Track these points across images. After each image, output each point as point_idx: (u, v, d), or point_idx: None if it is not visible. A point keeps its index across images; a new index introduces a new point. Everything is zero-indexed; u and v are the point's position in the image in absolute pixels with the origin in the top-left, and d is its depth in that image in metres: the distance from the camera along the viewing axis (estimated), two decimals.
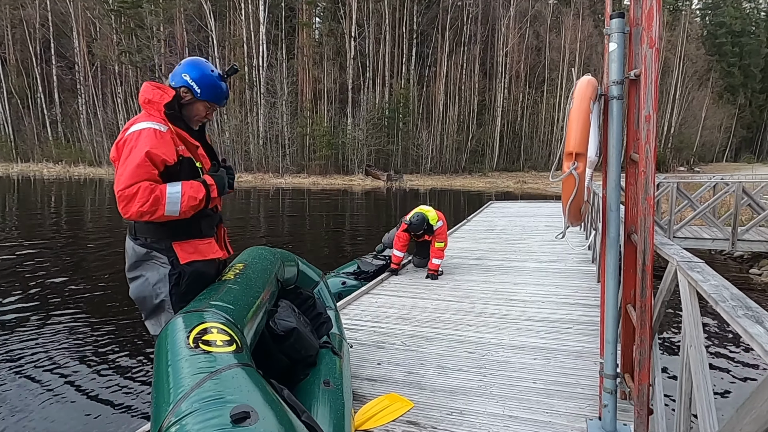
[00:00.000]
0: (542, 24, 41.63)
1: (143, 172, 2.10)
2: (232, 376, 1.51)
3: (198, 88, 2.33)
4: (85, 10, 37.57)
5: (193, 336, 1.70)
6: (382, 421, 2.69)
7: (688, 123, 46.05)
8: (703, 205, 9.11)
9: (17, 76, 38.00)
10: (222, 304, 2.02)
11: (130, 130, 2.19)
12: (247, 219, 16.20)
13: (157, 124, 2.20)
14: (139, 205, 2.06)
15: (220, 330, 1.77)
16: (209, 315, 1.88)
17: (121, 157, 2.16)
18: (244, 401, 1.39)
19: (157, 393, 1.54)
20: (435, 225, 5.95)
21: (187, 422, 1.32)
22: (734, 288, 1.61)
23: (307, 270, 3.26)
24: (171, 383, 1.51)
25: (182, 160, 2.25)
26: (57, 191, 24.16)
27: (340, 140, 35.32)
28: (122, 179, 2.09)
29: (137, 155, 2.11)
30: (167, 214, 2.12)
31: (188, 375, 1.50)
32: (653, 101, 1.98)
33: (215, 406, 1.35)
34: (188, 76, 2.31)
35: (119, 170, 2.13)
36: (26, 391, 4.40)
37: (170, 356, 1.64)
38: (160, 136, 2.18)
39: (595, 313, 4.44)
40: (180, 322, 1.82)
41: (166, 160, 2.18)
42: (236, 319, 1.95)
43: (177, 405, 1.39)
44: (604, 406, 2.48)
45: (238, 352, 1.68)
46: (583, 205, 2.22)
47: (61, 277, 8.13)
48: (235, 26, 36.70)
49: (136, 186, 2.08)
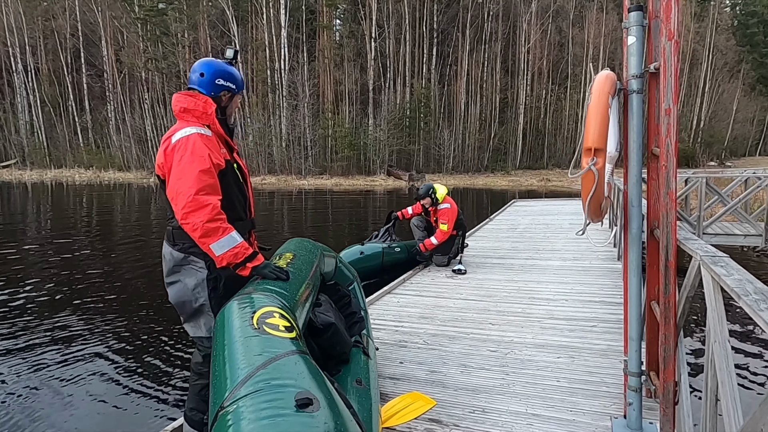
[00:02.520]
0: (565, 19, 40.96)
1: (208, 177, 2.15)
2: (294, 362, 1.52)
3: (233, 85, 2.40)
4: (113, 19, 38.61)
5: (257, 318, 1.71)
6: (405, 418, 2.71)
7: (719, 116, 44.68)
8: (734, 201, 8.86)
9: (49, 85, 39.26)
10: (279, 289, 2.04)
11: (176, 136, 2.21)
12: (271, 219, 16.40)
13: (201, 129, 2.25)
14: (204, 219, 2.08)
15: (281, 315, 1.78)
16: (270, 299, 1.90)
17: (173, 162, 2.17)
18: (306, 388, 1.39)
19: (217, 371, 1.53)
20: (440, 201, 6.18)
21: (251, 402, 1.32)
22: (758, 282, 1.58)
23: (343, 268, 3.31)
24: (233, 363, 1.50)
25: (227, 163, 2.31)
26: (88, 195, 24.88)
27: (361, 141, 35.42)
28: (188, 182, 2.10)
29: (198, 159, 2.14)
30: (209, 246, 2.13)
31: (252, 355, 1.50)
32: (673, 94, 1.96)
33: (279, 389, 1.35)
34: (221, 80, 2.36)
35: (177, 174, 2.14)
36: (55, 389, 4.55)
37: (232, 336, 1.64)
38: (209, 141, 2.24)
39: (619, 311, 4.37)
40: (241, 303, 1.83)
41: (220, 164, 2.23)
42: (292, 306, 1.97)
43: (240, 385, 1.39)
44: (629, 404, 2.45)
45: (298, 339, 1.69)
46: (603, 201, 2.21)
47: (93, 278, 8.38)
48: (257, 31, 37.18)
49: (210, 199, 2.11)
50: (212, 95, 2.34)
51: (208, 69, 2.36)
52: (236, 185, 2.40)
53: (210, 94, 2.34)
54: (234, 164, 2.40)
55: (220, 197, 2.18)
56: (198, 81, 2.36)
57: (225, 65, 2.40)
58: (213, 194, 2.15)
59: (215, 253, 2.15)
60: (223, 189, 2.26)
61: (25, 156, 39.40)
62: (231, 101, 2.43)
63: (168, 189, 2.19)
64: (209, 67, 2.37)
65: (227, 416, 1.30)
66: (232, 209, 2.35)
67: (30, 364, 5.02)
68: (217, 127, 2.32)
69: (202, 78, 2.35)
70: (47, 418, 4.07)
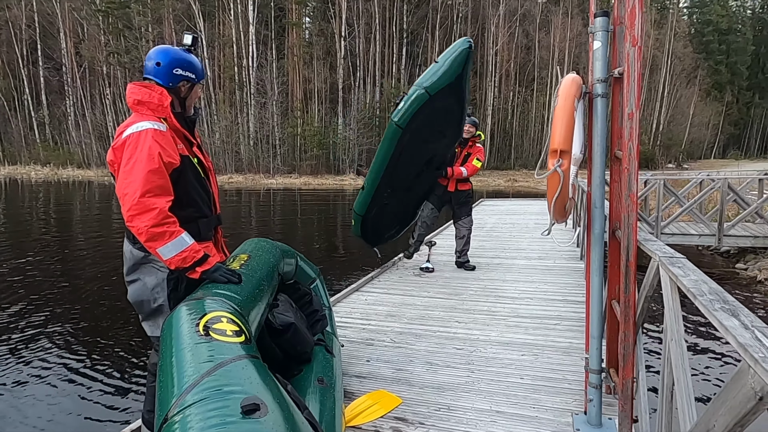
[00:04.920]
0: (531, 23, 41.80)
1: (157, 177, 2.04)
2: (242, 367, 1.48)
3: (192, 75, 2.27)
4: (72, 11, 37.23)
5: (203, 324, 1.67)
6: (370, 417, 2.70)
7: (677, 120, 46.44)
8: (689, 202, 9.21)
9: (3, 78, 37.60)
10: (229, 293, 1.99)
11: (128, 131, 2.10)
12: (238, 218, 16.13)
13: (156, 124, 2.12)
14: (149, 224, 1.99)
15: (229, 320, 1.74)
16: (218, 303, 1.85)
17: (122, 160, 2.07)
18: (254, 393, 1.36)
19: (163, 379, 1.50)
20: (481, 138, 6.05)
21: (196, 411, 1.29)
22: (713, 283, 1.64)
23: (304, 266, 3.25)
24: (179, 371, 1.46)
25: (183, 159, 2.20)
26: (45, 193, 23.91)
27: (331, 140, 35.26)
28: (134, 183, 2.00)
29: (146, 158, 2.02)
30: (156, 250, 2.05)
31: (197, 363, 1.47)
32: (636, 99, 2.00)
33: (225, 396, 1.32)
34: (180, 69, 2.22)
35: (125, 174, 2.04)
36: (19, 392, 4.36)
37: (179, 343, 1.60)
38: (162, 137, 2.11)
39: (581, 310, 4.46)
40: (189, 309, 1.78)
41: (173, 162, 2.12)
42: (243, 309, 1.93)
43: (186, 393, 1.36)
44: (589, 401, 2.51)
45: (247, 344, 1.65)
46: (568, 202, 2.24)
47: (50, 278, 8.06)
48: (224, 26, 36.54)
49: (157, 202, 2.01)
50: (170, 86, 2.21)
51: (164, 58, 2.21)
52: (197, 180, 2.29)
53: (168, 85, 2.21)
54: (194, 159, 2.29)
55: (170, 198, 2.09)
56: (154, 71, 2.21)
57: (183, 53, 2.26)
58: (161, 196, 2.05)
59: (163, 258, 2.08)
60: (181, 186, 2.18)
61: None
62: (191, 92, 2.30)
63: (116, 188, 2.09)
64: (166, 55, 2.22)
65: (173, 426, 1.26)
66: (194, 206, 2.28)
67: None
68: (173, 121, 2.20)
69: (158, 68, 2.20)
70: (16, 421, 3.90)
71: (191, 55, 2.30)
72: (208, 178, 2.41)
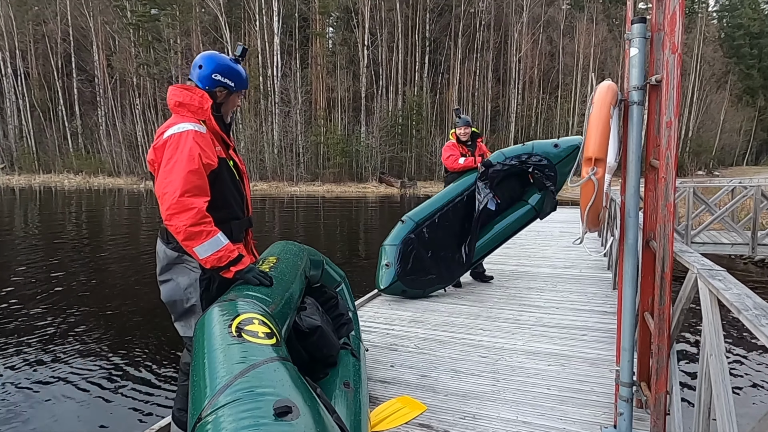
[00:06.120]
0: (555, 29, 41.41)
1: (197, 178, 2.08)
2: (274, 369, 1.48)
3: (232, 83, 2.31)
4: (105, 24, 38.44)
5: (235, 325, 1.68)
6: (395, 423, 2.68)
7: (707, 126, 45.29)
8: (721, 210, 8.94)
9: (39, 90, 38.94)
10: (261, 295, 2.00)
11: (168, 132, 2.14)
12: (263, 224, 16.32)
13: (196, 126, 2.17)
14: (187, 223, 2.04)
15: (261, 322, 1.75)
16: (250, 305, 1.86)
17: (162, 160, 2.11)
18: (286, 396, 1.36)
19: (196, 380, 1.51)
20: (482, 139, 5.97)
21: (229, 411, 1.29)
22: (757, 297, 1.58)
23: (330, 270, 3.27)
24: (212, 371, 1.48)
25: (220, 161, 2.24)
26: (77, 200, 24.62)
27: (353, 148, 35.43)
28: (174, 183, 2.05)
29: (186, 159, 2.07)
30: (193, 249, 2.10)
31: (230, 364, 1.48)
32: (675, 107, 1.95)
33: (258, 398, 1.33)
34: (219, 75, 2.27)
35: (165, 173, 2.08)
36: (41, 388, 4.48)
37: (212, 344, 1.61)
38: (202, 138, 2.16)
39: (610, 321, 4.38)
40: (222, 310, 1.80)
41: (211, 163, 2.16)
42: (273, 311, 1.94)
43: (219, 393, 1.37)
44: (619, 415, 2.44)
45: (278, 346, 1.66)
46: (601, 211, 2.20)
47: (82, 281, 8.26)
48: (250, 37, 37.16)
49: (195, 202, 2.06)
50: (207, 89, 2.26)
51: (207, 62, 2.28)
52: (232, 183, 2.33)
53: (205, 88, 2.26)
54: (230, 162, 2.34)
55: (207, 198, 2.13)
56: (196, 74, 2.28)
57: (228, 61, 2.32)
58: (200, 196, 2.09)
59: (199, 257, 2.12)
60: (218, 188, 2.21)
61: (13, 161, 38.99)
62: (227, 99, 2.34)
63: (155, 187, 2.13)
64: (209, 60, 2.29)
65: (206, 426, 1.28)
66: (228, 208, 2.31)
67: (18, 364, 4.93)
68: (212, 124, 2.24)
69: (200, 71, 2.27)
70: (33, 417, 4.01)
71: (238, 65, 2.35)
72: (243, 181, 2.45)
